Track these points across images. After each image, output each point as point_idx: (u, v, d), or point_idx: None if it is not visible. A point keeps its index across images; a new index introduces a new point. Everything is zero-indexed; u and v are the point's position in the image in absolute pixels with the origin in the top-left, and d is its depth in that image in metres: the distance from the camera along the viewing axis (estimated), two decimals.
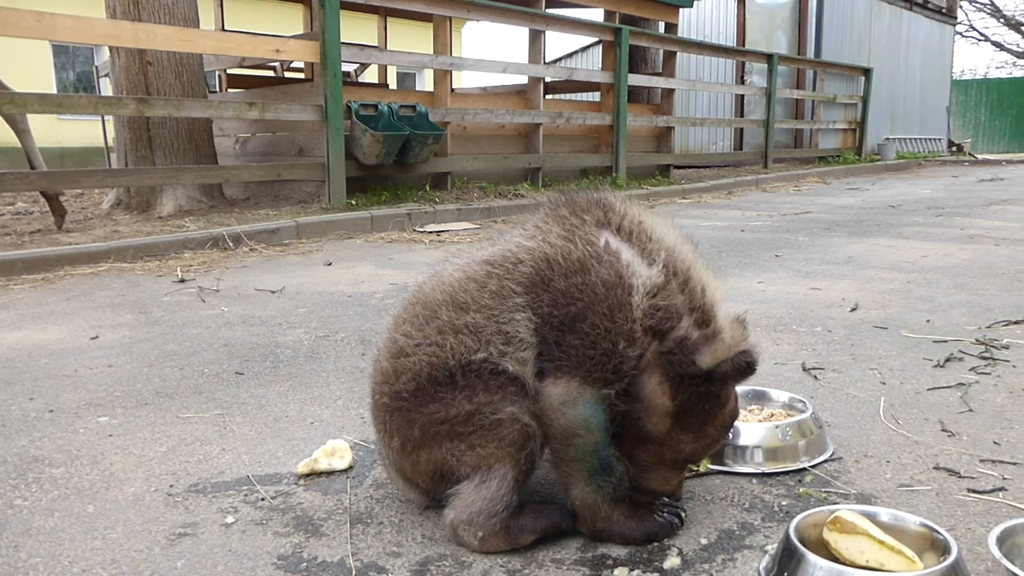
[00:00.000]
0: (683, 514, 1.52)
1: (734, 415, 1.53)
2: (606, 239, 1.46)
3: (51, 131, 16.74)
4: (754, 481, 1.74)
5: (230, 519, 1.60)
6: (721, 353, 1.40)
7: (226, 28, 10.30)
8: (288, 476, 1.81)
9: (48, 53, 17.63)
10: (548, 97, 10.78)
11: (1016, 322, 3.09)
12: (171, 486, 1.76)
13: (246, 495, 1.71)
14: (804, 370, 2.54)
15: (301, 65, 11.16)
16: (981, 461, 1.82)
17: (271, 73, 11.43)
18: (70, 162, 16.34)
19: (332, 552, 1.47)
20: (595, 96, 11.34)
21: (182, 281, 4.28)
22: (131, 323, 3.34)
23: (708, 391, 1.44)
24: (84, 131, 16.50)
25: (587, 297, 1.40)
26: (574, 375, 1.40)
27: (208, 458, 1.92)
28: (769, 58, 12.72)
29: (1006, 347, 2.75)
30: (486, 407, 1.41)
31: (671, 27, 11.41)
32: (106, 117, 9.40)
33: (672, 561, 1.41)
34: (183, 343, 3.01)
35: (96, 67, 10.58)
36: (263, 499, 1.69)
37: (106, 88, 9.65)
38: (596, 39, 13.06)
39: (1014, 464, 1.80)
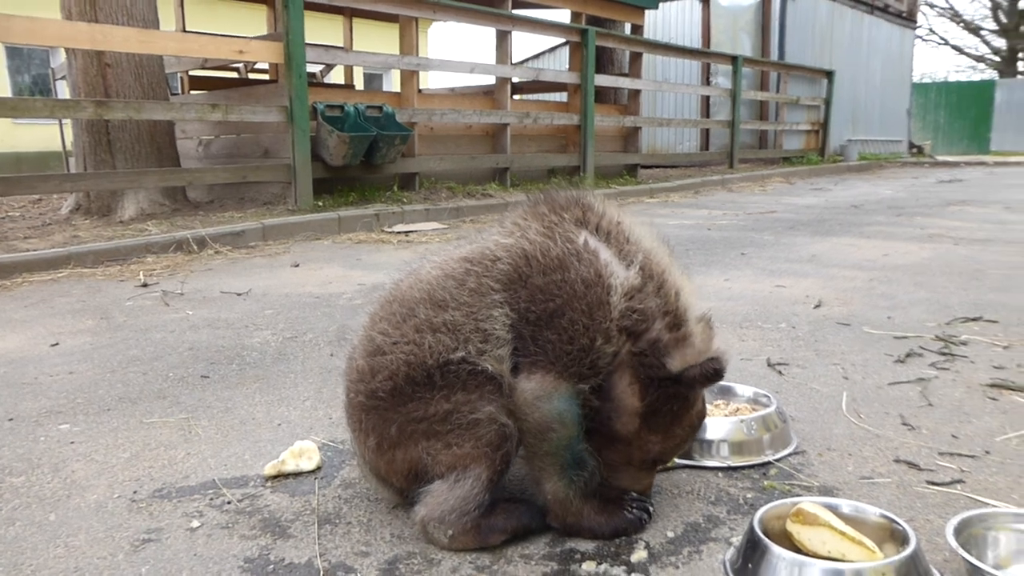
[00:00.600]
0: (651, 509, 1.54)
1: (701, 416, 1.55)
2: (585, 238, 1.47)
3: (6, 136, 16.39)
4: (720, 475, 1.76)
5: (195, 523, 1.58)
6: (691, 358, 1.41)
7: (187, 29, 10.17)
8: (255, 479, 1.80)
9: (2, 56, 17.26)
10: (515, 97, 10.82)
11: (974, 319, 3.16)
12: (135, 492, 1.74)
13: (212, 499, 1.70)
14: (769, 365, 2.57)
15: (265, 66, 11.06)
16: (940, 454, 1.86)
17: (235, 75, 11.31)
18: (27, 167, 16.01)
19: (300, 553, 1.46)
20: (562, 97, 11.38)
21: (145, 285, 4.22)
22: (92, 329, 3.29)
23: (676, 393, 1.45)
24: (41, 135, 16.15)
25: (566, 294, 1.41)
26: (549, 370, 1.41)
27: (173, 463, 1.90)
28: (734, 60, 12.87)
29: (964, 343, 2.81)
30: (464, 406, 1.41)
31: (637, 28, 11.50)
32: (64, 121, 9.23)
33: (639, 555, 1.42)
34: (147, 348, 2.97)
35: (52, 69, 10.37)
36: (229, 502, 1.68)
37: (63, 91, 9.47)
38: (563, 40, 13.09)
39: (971, 457, 1.84)
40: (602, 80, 10.21)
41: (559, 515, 1.48)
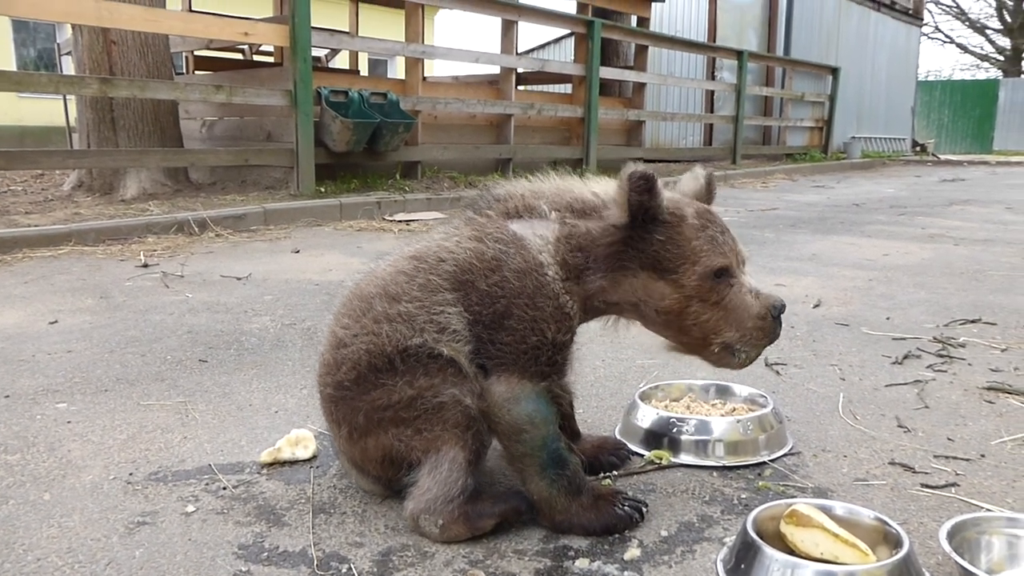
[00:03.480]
0: (645, 509, 1.54)
1: (701, 214, 1.53)
2: (511, 230, 1.52)
3: (11, 109, 16.33)
4: (715, 474, 1.76)
5: (190, 508, 1.59)
6: (620, 196, 1.46)
7: (194, 9, 10.11)
8: (251, 465, 1.80)
9: (7, 29, 17.18)
10: (520, 88, 10.76)
11: (972, 321, 3.16)
12: (130, 474, 1.74)
13: (207, 484, 1.70)
14: (766, 365, 2.58)
15: (271, 49, 11.01)
16: (935, 457, 1.87)
17: (240, 56, 11.26)
18: (30, 142, 15.95)
19: (294, 542, 1.46)
20: (567, 88, 11.34)
21: (145, 266, 4.21)
22: (92, 308, 3.29)
23: (650, 233, 1.48)
24: (45, 110, 16.03)
25: (508, 292, 1.45)
26: (512, 371, 1.45)
27: (169, 446, 1.90)
28: (739, 55, 12.82)
29: (962, 345, 2.82)
30: (427, 391, 1.44)
31: (643, 21, 11.46)
32: (68, 97, 9.19)
33: (632, 552, 1.43)
34: (145, 329, 2.96)
35: (58, 45, 10.32)
36: (225, 488, 1.68)
37: (68, 67, 9.43)
38: (569, 31, 13.06)
39: (967, 460, 1.85)
40: (607, 72, 10.17)
41: (547, 514, 1.50)
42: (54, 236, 4.75)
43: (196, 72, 9.88)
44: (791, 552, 1.33)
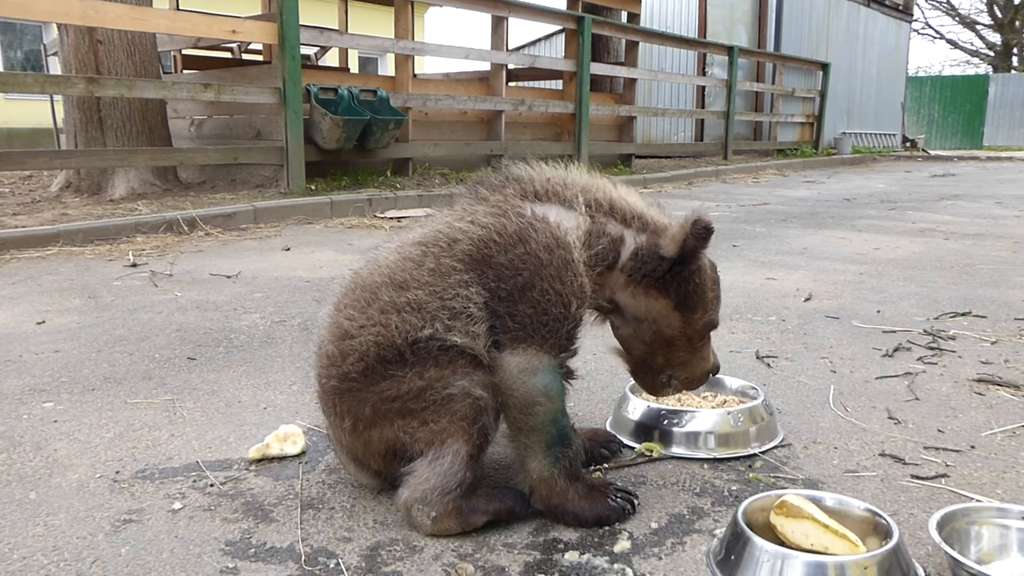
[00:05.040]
0: (636, 501, 1.54)
1: (714, 268, 1.62)
2: (531, 208, 1.51)
3: None
4: (705, 466, 1.76)
5: (177, 505, 1.58)
6: (679, 234, 1.48)
7: (181, 7, 10.06)
8: (239, 462, 1.78)
9: None
10: (511, 84, 10.76)
11: (962, 314, 3.16)
12: (117, 472, 1.73)
13: (195, 481, 1.69)
14: (757, 358, 2.57)
15: (259, 47, 10.97)
16: (925, 448, 1.87)
17: (228, 55, 11.21)
18: (18, 143, 15.85)
19: (282, 537, 1.45)
20: (558, 84, 11.33)
21: (134, 265, 4.19)
22: (79, 308, 3.26)
23: (687, 269, 1.52)
24: (32, 111, 15.95)
25: (532, 265, 1.44)
26: (530, 343, 1.44)
27: (156, 444, 1.89)
28: (730, 51, 12.83)
29: (952, 338, 2.82)
30: (437, 382, 1.42)
31: (633, 17, 11.44)
32: (55, 97, 9.13)
33: (623, 545, 1.42)
34: (133, 328, 2.94)
35: (44, 46, 10.26)
36: (212, 485, 1.67)
37: (55, 67, 9.37)
38: (559, 27, 13.05)
39: (956, 451, 1.85)
40: (598, 68, 10.16)
41: (543, 495, 1.48)
42: (42, 237, 4.71)
43: (184, 71, 9.83)
44: (781, 543, 1.33)
